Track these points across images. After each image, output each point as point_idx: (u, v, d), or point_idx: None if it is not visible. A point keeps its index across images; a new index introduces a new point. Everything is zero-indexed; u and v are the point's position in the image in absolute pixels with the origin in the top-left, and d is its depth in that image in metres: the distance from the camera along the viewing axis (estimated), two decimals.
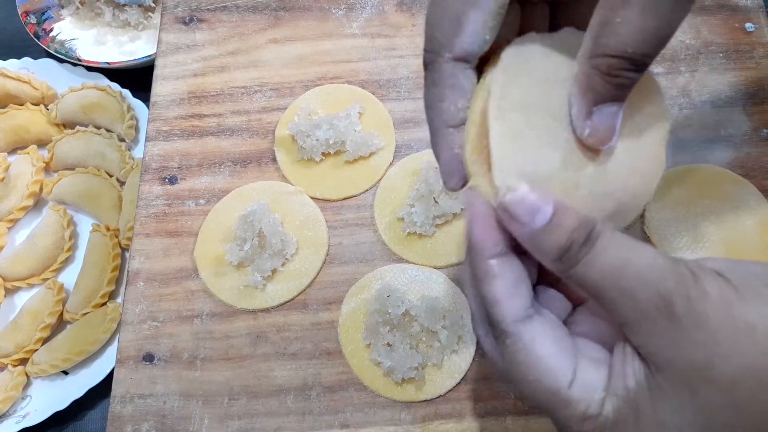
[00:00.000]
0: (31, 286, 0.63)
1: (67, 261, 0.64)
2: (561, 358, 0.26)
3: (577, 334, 0.28)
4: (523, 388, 0.27)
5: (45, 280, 0.63)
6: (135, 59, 0.70)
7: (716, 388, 0.23)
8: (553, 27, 0.31)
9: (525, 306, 0.27)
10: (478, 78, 0.29)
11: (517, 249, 0.27)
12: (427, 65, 0.29)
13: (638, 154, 0.29)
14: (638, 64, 0.25)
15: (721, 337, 0.23)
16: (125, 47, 0.74)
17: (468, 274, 0.29)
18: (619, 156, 0.28)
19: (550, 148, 0.27)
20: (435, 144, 0.30)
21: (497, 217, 0.26)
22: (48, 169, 0.69)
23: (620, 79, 0.26)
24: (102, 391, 0.57)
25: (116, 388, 0.45)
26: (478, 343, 0.45)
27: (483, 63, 0.29)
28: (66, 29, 0.74)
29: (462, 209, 0.48)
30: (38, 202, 0.67)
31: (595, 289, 0.25)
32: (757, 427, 0.23)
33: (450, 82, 0.29)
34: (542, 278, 0.30)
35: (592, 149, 0.28)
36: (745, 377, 0.23)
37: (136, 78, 0.70)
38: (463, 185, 0.29)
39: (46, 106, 0.71)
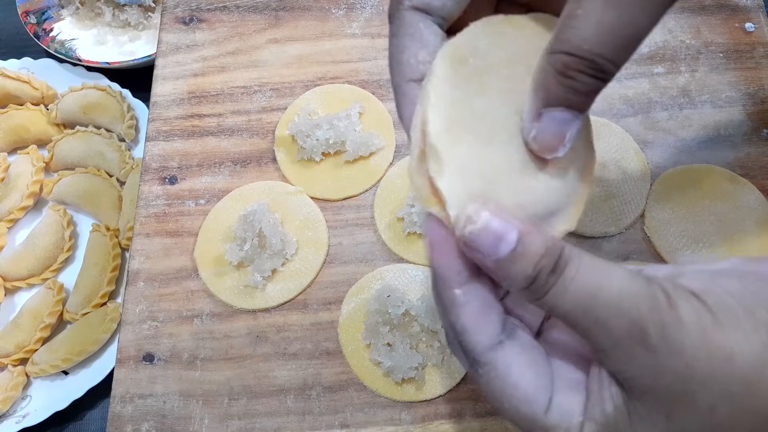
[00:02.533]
0: (31, 286, 0.63)
1: (67, 261, 0.65)
2: (536, 384, 0.25)
3: (552, 341, 0.27)
4: (502, 413, 0.26)
5: (45, 280, 0.63)
6: (135, 59, 0.70)
7: (694, 413, 0.23)
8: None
9: (495, 332, 0.25)
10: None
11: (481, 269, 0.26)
12: (390, 16, 0.27)
13: (567, 174, 0.27)
14: (596, 67, 0.23)
15: (697, 366, 0.22)
16: (125, 47, 0.74)
17: (436, 298, 0.28)
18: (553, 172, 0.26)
19: (489, 130, 0.25)
20: (397, 102, 0.27)
21: (458, 244, 0.24)
22: (48, 169, 0.69)
23: (574, 82, 0.23)
24: (102, 391, 0.57)
25: (116, 388, 0.45)
26: None
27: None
28: (66, 29, 0.74)
29: None
30: (38, 202, 0.67)
31: (566, 317, 0.24)
32: None
33: (410, 31, 0.27)
34: None
35: (539, 158, 0.25)
36: (723, 404, 0.22)
37: (136, 78, 0.70)
38: None
39: (46, 106, 0.71)
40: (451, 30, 0.27)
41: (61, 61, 0.72)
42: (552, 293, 0.23)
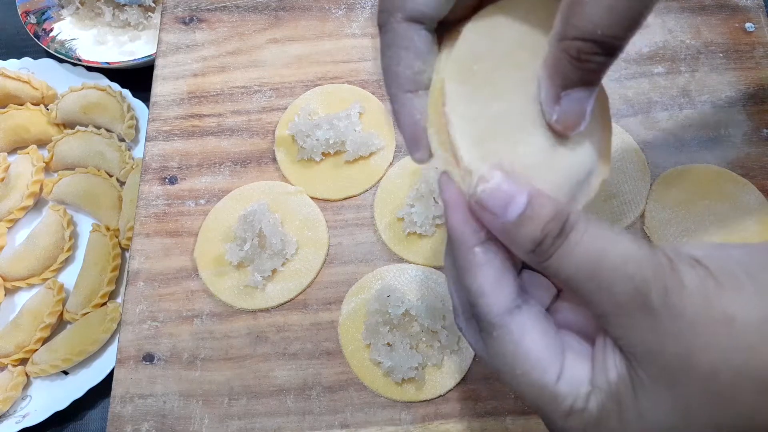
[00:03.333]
0: (31, 286, 0.63)
1: (67, 261, 0.64)
2: (549, 352, 0.25)
3: (560, 322, 0.28)
4: (509, 381, 0.26)
5: (45, 280, 0.63)
6: (135, 59, 0.70)
7: (695, 379, 0.23)
8: None
9: (512, 296, 0.26)
10: (440, 45, 0.28)
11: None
12: (381, 27, 0.27)
13: (590, 132, 0.28)
14: (609, 47, 0.24)
15: (699, 329, 0.22)
16: (125, 47, 0.74)
17: (449, 266, 0.28)
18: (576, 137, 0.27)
19: (515, 129, 0.26)
20: (395, 112, 0.28)
21: (470, 203, 0.25)
22: (48, 169, 0.69)
23: (590, 64, 0.24)
24: (102, 391, 0.57)
25: (116, 388, 0.45)
26: None
27: (447, 31, 0.28)
28: (66, 29, 0.74)
29: None
30: (38, 202, 0.67)
31: (570, 281, 0.24)
32: (737, 418, 0.23)
33: (404, 44, 0.27)
34: (526, 263, 0.29)
35: (559, 133, 0.26)
36: (725, 368, 0.22)
37: (136, 78, 0.70)
38: (431, 156, 0.27)
39: (46, 106, 0.71)
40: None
41: (61, 61, 0.72)
42: (557, 256, 0.24)
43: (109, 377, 0.55)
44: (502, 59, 0.26)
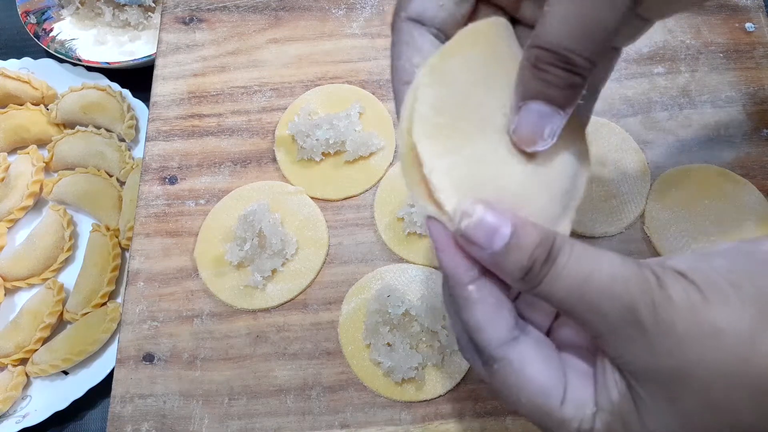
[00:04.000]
0: (31, 286, 0.63)
1: (67, 261, 0.64)
2: (551, 378, 0.26)
3: (561, 342, 0.28)
4: (516, 408, 0.26)
5: (45, 280, 0.63)
6: (135, 59, 0.70)
7: (692, 392, 0.23)
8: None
9: (509, 328, 0.26)
10: None
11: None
12: (391, 26, 0.29)
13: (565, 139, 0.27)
14: (565, 60, 0.24)
15: (689, 343, 0.23)
16: (125, 47, 0.74)
17: (447, 299, 0.28)
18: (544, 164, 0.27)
19: (492, 166, 0.26)
20: (396, 103, 0.29)
21: (456, 239, 0.25)
22: (48, 169, 0.69)
23: (548, 75, 0.24)
24: (102, 391, 0.57)
25: (116, 388, 0.45)
26: None
27: None
28: (66, 29, 0.74)
29: None
30: (38, 202, 0.67)
31: (562, 305, 0.24)
32: (737, 427, 0.23)
33: (405, 39, 0.28)
34: None
35: (521, 152, 0.26)
36: (719, 380, 0.23)
37: (136, 78, 0.70)
38: None
39: (46, 106, 0.71)
40: None
41: (61, 61, 0.72)
42: (546, 282, 0.24)
43: (109, 377, 0.55)
44: (461, 103, 0.26)
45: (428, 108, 0.26)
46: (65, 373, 0.59)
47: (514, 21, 0.30)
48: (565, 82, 0.25)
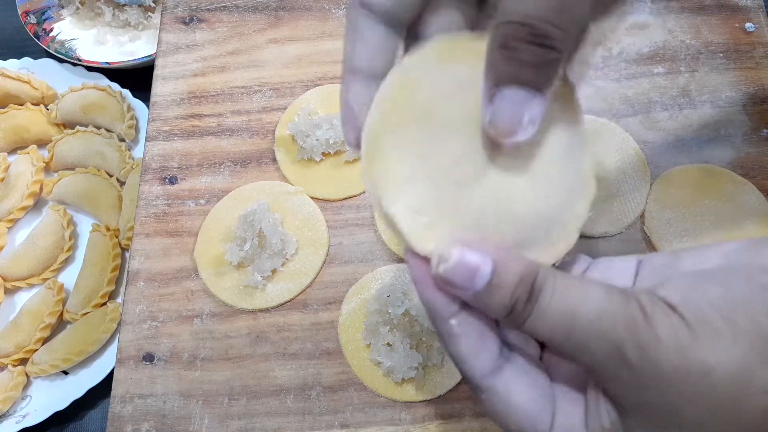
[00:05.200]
0: (31, 286, 0.63)
1: (67, 261, 0.64)
2: (538, 404, 0.25)
3: (552, 368, 0.27)
4: None
5: (45, 280, 0.63)
6: (135, 59, 0.70)
7: (684, 429, 0.23)
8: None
9: (493, 358, 0.25)
10: (406, 45, 0.28)
11: None
12: (347, 12, 0.28)
13: (561, 154, 0.26)
14: (538, 34, 0.21)
15: (679, 384, 0.22)
16: (125, 47, 0.74)
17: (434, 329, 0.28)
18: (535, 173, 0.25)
19: (459, 175, 0.25)
20: (341, 90, 0.27)
21: (436, 282, 0.25)
22: (48, 169, 0.69)
23: (518, 53, 0.22)
24: (102, 391, 0.57)
25: (116, 388, 0.45)
26: None
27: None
28: (66, 29, 0.74)
29: None
30: (38, 202, 0.67)
31: (549, 342, 0.24)
32: None
33: (351, 26, 0.27)
34: None
35: (502, 151, 0.24)
36: (710, 420, 0.22)
37: (136, 78, 0.70)
38: (358, 143, 0.26)
39: (46, 106, 0.71)
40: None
41: (61, 61, 0.72)
42: (530, 320, 0.23)
43: (109, 377, 0.55)
44: (424, 149, 0.25)
45: (397, 172, 0.25)
46: (65, 373, 0.59)
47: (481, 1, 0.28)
48: (541, 58, 0.22)
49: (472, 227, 0.25)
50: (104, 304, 0.61)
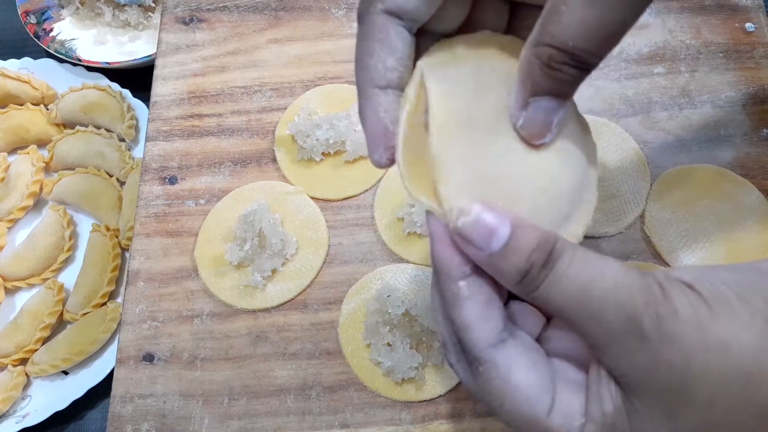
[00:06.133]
0: (31, 286, 0.63)
1: (67, 261, 0.64)
2: (539, 385, 0.25)
3: (552, 350, 0.27)
4: (500, 414, 0.26)
5: (45, 280, 0.63)
6: (135, 59, 0.70)
7: (693, 409, 0.22)
8: (511, 29, 0.30)
9: (498, 329, 0.25)
10: (418, 52, 0.28)
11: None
12: (360, 17, 0.27)
13: (571, 152, 0.27)
14: (579, 60, 0.23)
15: (694, 357, 0.22)
16: (125, 47, 0.74)
17: (436, 298, 0.28)
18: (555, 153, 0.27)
19: (491, 150, 0.26)
20: (360, 106, 0.27)
21: (453, 237, 0.25)
22: (48, 169, 0.69)
23: (560, 74, 0.24)
24: (102, 391, 0.57)
25: (116, 388, 0.45)
26: None
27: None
28: (66, 29, 0.74)
29: None
30: (38, 202, 0.67)
31: (560, 311, 0.24)
32: None
33: (379, 37, 0.26)
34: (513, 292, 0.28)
35: (530, 144, 0.26)
36: (722, 397, 0.22)
37: (136, 78, 0.70)
38: (391, 163, 0.27)
39: (46, 106, 0.71)
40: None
41: (61, 61, 0.72)
42: (544, 286, 0.24)
43: (109, 377, 0.55)
44: (469, 101, 0.26)
45: (440, 105, 0.25)
46: (65, 373, 0.59)
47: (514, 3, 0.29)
48: (575, 79, 0.24)
49: (498, 193, 0.25)
50: (104, 304, 0.61)
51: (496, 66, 0.27)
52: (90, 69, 0.72)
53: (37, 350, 0.59)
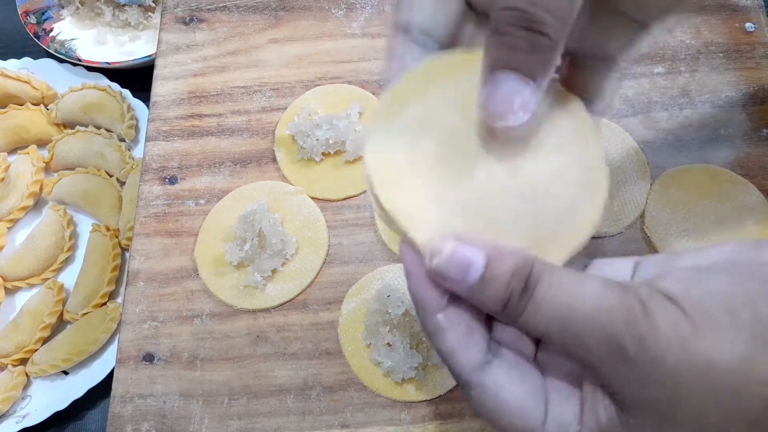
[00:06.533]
0: (31, 286, 0.63)
1: (67, 261, 0.64)
2: (529, 398, 0.25)
3: (547, 364, 0.27)
4: (500, 430, 0.26)
5: (45, 280, 0.63)
6: (135, 59, 0.70)
7: (685, 423, 0.22)
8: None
9: (481, 353, 0.25)
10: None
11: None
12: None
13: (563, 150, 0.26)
14: (530, 19, 0.22)
15: (680, 377, 0.22)
16: (125, 47, 0.74)
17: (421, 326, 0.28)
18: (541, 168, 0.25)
19: (449, 181, 0.25)
20: (390, 43, 0.28)
21: (429, 276, 0.24)
22: (48, 169, 0.69)
23: (510, 38, 0.22)
24: (102, 391, 0.57)
25: (116, 388, 0.45)
26: None
27: None
28: (66, 29, 0.74)
29: None
30: (38, 202, 0.67)
31: (545, 337, 0.24)
32: None
33: (389, 52, 0.27)
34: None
35: (501, 163, 0.25)
36: (712, 413, 0.22)
37: (136, 78, 0.70)
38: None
39: (46, 106, 0.71)
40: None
41: (61, 61, 0.72)
42: (526, 314, 0.23)
43: (109, 377, 0.55)
44: (419, 136, 0.26)
45: (386, 162, 0.25)
46: (65, 373, 0.59)
47: None
48: (531, 43, 0.22)
49: (478, 222, 0.25)
50: (104, 304, 0.61)
51: (472, 84, 0.25)
52: (90, 69, 0.71)
53: (37, 350, 0.59)
